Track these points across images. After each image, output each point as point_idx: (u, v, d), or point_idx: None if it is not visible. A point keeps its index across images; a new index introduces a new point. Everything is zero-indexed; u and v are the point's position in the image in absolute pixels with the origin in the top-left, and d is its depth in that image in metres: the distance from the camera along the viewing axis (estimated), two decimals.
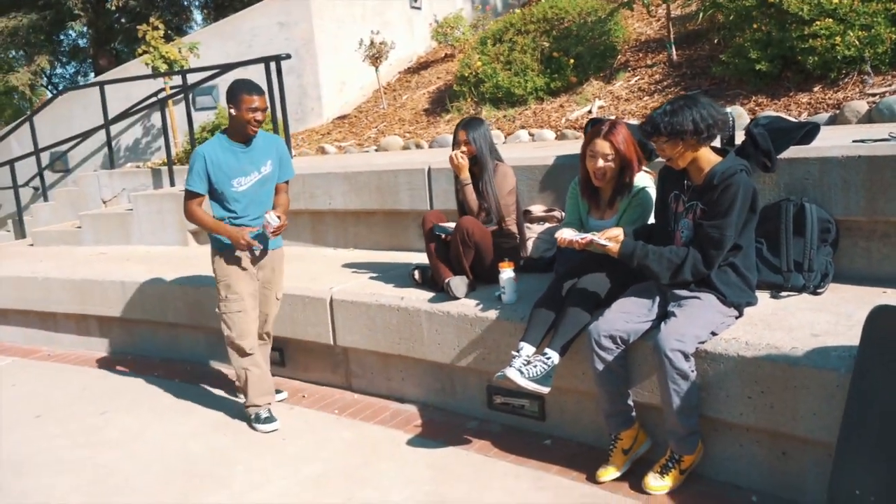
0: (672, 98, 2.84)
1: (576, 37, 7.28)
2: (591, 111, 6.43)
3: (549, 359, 2.93)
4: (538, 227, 4.06)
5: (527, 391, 2.94)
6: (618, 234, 2.90)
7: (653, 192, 3.23)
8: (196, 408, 4.11)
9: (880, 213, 3.16)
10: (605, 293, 3.04)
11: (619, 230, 2.94)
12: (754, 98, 5.42)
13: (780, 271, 3.18)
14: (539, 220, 4.11)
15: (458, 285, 3.59)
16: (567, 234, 2.96)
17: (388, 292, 3.91)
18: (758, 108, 5.22)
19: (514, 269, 3.43)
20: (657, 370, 2.71)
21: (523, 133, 6.41)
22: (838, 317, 2.83)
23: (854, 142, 3.32)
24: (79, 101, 9.74)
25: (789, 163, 3.34)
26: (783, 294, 3.15)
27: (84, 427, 3.98)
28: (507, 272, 3.41)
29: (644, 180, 3.30)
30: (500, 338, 3.37)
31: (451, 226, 3.69)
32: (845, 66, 5.14)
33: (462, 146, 3.73)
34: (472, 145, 3.71)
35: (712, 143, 2.84)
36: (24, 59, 17.53)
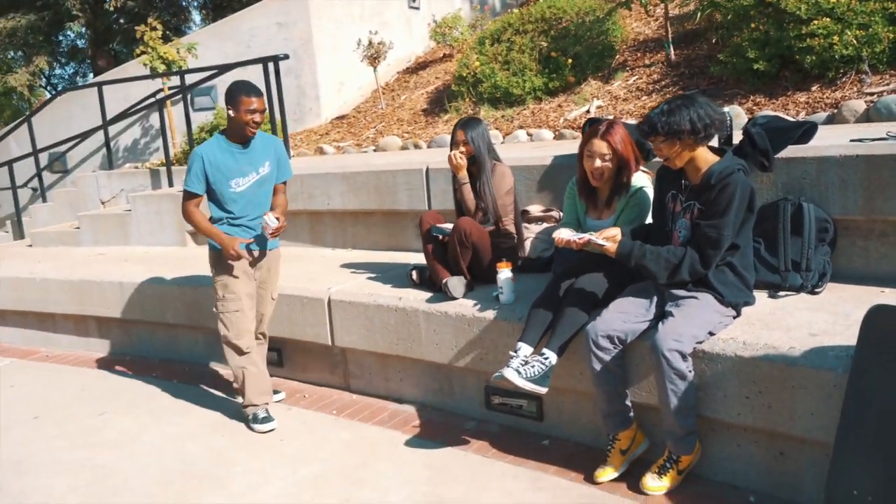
0: (669, 98, 2.83)
1: (574, 37, 7.28)
2: (589, 111, 6.43)
3: (546, 359, 2.93)
4: (536, 227, 4.06)
5: (524, 391, 2.94)
6: (615, 234, 2.90)
7: (650, 191, 3.22)
8: (194, 408, 4.12)
9: (878, 213, 3.16)
10: (603, 293, 3.04)
11: (616, 230, 2.94)
12: (752, 97, 5.43)
13: (777, 271, 3.17)
14: (537, 220, 4.11)
15: (456, 286, 3.59)
16: (565, 234, 2.95)
17: (386, 293, 3.91)
18: (756, 108, 5.22)
19: (511, 270, 3.43)
20: (655, 370, 2.70)
21: (521, 133, 6.41)
22: (836, 316, 2.83)
23: (852, 141, 3.32)
24: (77, 102, 9.74)
25: (787, 162, 3.33)
26: (781, 294, 3.14)
27: (82, 428, 3.98)
28: (505, 272, 3.40)
29: (641, 180, 3.30)
30: (497, 338, 3.36)
31: (449, 227, 3.68)
32: (843, 65, 5.14)
33: (460, 146, 3.73)
34: (470, 145, 3.71)
35: (710, 143, 2.84)
36: (22, 60, 17.52)
